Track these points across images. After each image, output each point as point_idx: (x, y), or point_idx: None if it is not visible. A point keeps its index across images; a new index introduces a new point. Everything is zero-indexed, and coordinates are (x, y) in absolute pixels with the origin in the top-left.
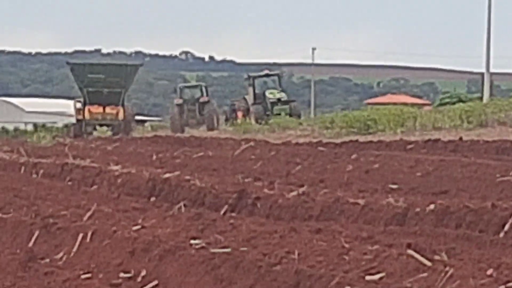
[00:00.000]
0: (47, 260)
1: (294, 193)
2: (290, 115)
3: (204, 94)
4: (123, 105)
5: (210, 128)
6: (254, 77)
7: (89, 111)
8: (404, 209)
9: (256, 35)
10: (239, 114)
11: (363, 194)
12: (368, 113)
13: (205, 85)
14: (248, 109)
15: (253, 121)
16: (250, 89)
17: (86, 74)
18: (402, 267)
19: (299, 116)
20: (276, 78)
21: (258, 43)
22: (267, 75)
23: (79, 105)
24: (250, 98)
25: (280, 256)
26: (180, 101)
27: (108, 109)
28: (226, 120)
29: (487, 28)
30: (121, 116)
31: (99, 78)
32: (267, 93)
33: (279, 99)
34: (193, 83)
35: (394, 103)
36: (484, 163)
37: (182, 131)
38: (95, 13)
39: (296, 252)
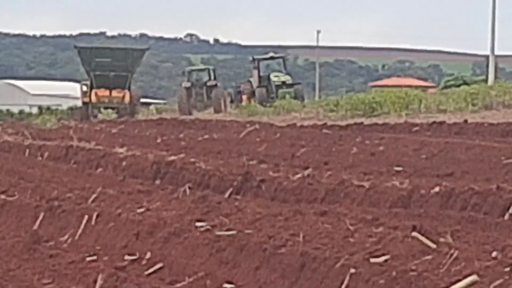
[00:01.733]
0: (52, 242)
1: (299, 175)
2: (295, 98)
3: (212, 77)
4: (129, 89)
5: (218, 111)
6: (259, 60)
7: (96, 94)
8: (409, 191)
9: (261, 17)
10: (244, 97)
11: (368, 177)
12: (373, 95)
13: (213, 68)
14: (253, 92)
15: (257, 104)
16: (255, 72)
17: (93, 58)
18: (407, 250)
19: (302, 99)
20: (281, 60)
21: (263, 26)
22: (272, 58)
23: (85, 88)
24: (255, 81)
25: (285, 238)
26: (188, 84)
27: (114, 93)
28: (231, 102)
29: (492, 10)
30: (127, 99)
31: (106, 62)
32: (272, 76)
33: (284, 82)
34: (201, 66)
35: (399, 86)
36: (489, 146)
37: (190, 114)
38: None
39: (301, 235)
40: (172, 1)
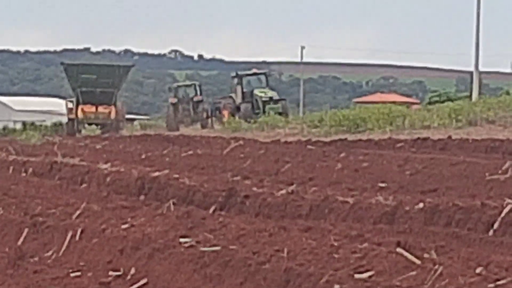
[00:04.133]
0: (36, 258)
1: (283, 191)
2: (281, 114)
3: (198, 93)
4: (115, 105)
5: (204, 126)
6: (242, 76)
7: (82, 110)
8: (393, 207)
9: (245, 33)
10: (225, 112)
11: (353, 193)
12: (357, 111)
13: (199, 84)
14: (236, 108)
15: (242, 120)
16: (238, 88)
17: (79, 75)
18: (391, 265)
19: (287, 115)
20: (262, 77)
21: (247, 42)
22: (255, 74)
23: (70, 104)
24: (238, 97)
25: (269, 254)
26: (175, 100)
27: (100, 109)
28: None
29: (476, 26)
30: (113, 115)
31: (92, 79)
32: (257, 92)
33: (271, 98)
34: (187, 82)
35: (383, 102)
36: (473, 162)
37: (177, 129)
38: (84, 11)
39: (286, 250)
40: (156, 17)
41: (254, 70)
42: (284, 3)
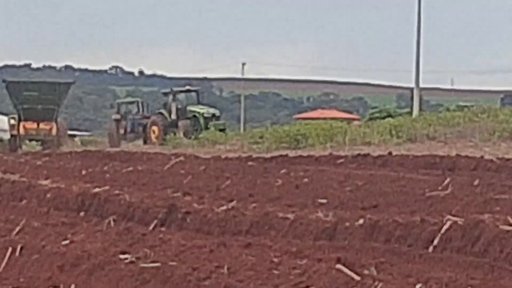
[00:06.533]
0: None
1: (224, 207)
2: (222, 130)
3: (141, 109)
4: (56, 121)
5: (146, 142)
6: (176, 92)
7: (24, 127)
8: (333, 223)
9: (186, 49)
10: (156, 129)
11: (293, 209)
12: (298, 128)
13: (142, 100)
14: (171, 124)
15: (181, 136)
16: (173, 104)
17: (21, 92)
18: (331, 282)
19: (225, 131)
20: (194, 94)
21: (188, 58)
22: (188, 91)
23: (13, 121)
24: (173, 113)
25: (209, 270)
26: (118, 116)
27: (42, 125)
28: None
29: (417, 43)
30: (54, 131)
31: (33, 96)
32: (196, 108)
33: (213, 115)
34: (130, 99)
35: (324, 118)
36: (413, 178)
37: (119, 146)
38: (25, 27)
39: (226, 267)
40: (97, 33)
41: (188, 87)
42: (225, 19)
